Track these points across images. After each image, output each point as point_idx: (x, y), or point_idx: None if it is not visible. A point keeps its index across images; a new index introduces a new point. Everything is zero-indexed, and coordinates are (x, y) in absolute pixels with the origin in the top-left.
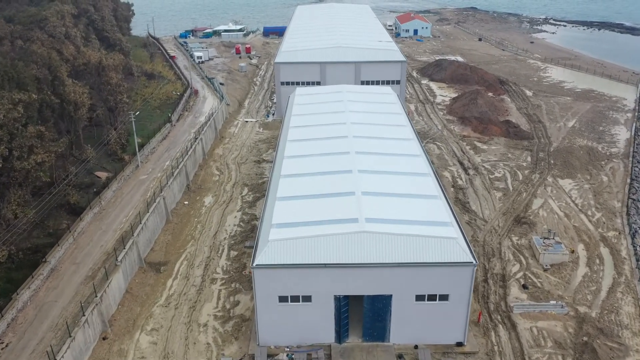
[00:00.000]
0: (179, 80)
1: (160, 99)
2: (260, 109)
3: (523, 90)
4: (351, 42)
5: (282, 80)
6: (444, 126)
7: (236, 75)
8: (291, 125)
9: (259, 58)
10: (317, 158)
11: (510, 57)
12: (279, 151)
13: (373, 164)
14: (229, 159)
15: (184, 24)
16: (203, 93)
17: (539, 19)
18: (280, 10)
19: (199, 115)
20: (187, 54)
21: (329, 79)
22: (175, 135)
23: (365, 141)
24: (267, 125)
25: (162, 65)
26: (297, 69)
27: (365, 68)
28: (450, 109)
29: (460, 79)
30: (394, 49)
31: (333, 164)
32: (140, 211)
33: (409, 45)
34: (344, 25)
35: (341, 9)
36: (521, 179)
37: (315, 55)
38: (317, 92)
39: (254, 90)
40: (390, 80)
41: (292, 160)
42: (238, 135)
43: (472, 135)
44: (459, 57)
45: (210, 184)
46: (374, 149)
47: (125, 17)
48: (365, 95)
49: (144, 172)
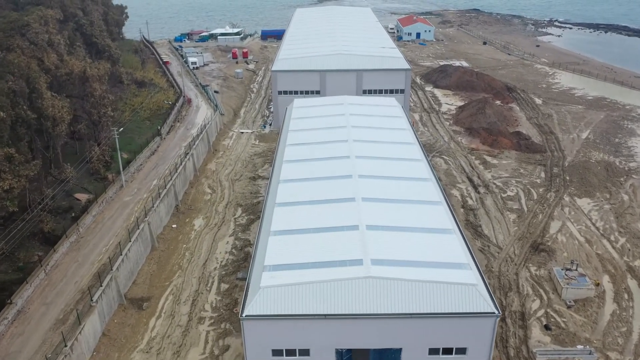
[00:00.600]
0: (171, 88)
1: (150, 109)
2: (257, 118)
3: (532, 98)
4: (352, 48)
5: (279, 89)
6: (450, 138)
7: (232, 82)
8: (288, 143)
9: (257, 63)
10: (316, 183)
11: (517, 62)
12: (274, 174)
13: (378, 190)
14: (222, 175)
15: (181, 26)
16: (196, 102)
17: (543, 21)
18: (279, 11)
19: (191, 127)
20: (181, 59)
21: (329, 88)
22: (164, 149)
23: (369, 162)
24: (264, 137)
25: (155, 71)
26: (295, 78)
27: (368, 76)
28: (456, 118)
29: (466, 86)
30: (397, 56)
31: (334, 189)
32: (122, 240)
33: (412, 49)
34: (345, 30)
35: (341, 12)
36: (536, 198)
37: (315, 62)
38: (317, 104)
39: (251, 98)
40: (394, 90)
41: (288, 185)
42: (233, 148)
43: (481, 149)
44: (464, 61)
45: (202, 204)
46: (379, 172)
47: (117, 22)
48: (368, 108)
49: (128, 193)
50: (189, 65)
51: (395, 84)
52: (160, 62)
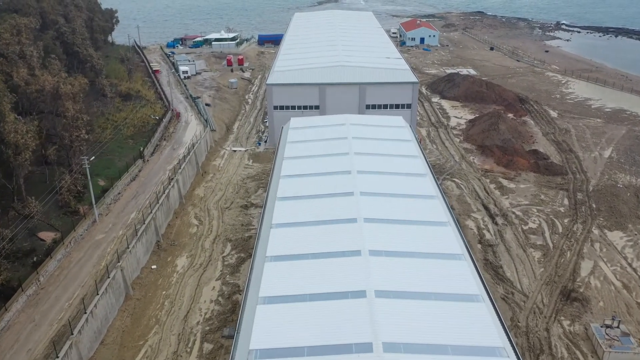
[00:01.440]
0: (160, 100)
1: (134, 125)
2: (251, 134)
3: (546, 110)
4: (354, 59)
5: (275, 104)
6: (461, 157)
7: (225, 93)
8: (283, 174)
9: (253, 71)
10: (315, 228)
11: (527, 70)
12: (266, 216)
13: (387, 238)
14: (210, 203)
15: (175, 30)
16: (186, 116)
17: (550, 24)
18: (277, 14)
19: (179, 147)
20: (172, 68)
21: (329, 102)
22: (147, 174)
23: (377, 201)
24: (258, 157)
25: (143, 81)
26: (292, 92)
27: (371, 90)
28: (467, 134)
29: (476, 97)
30: (403, 68)
31: (335, 237)
32: (88, 291)
33: (416, 55)
34: (346, 37)
35: (342, 17)
36: (561, 231)
37: (314, 75)
38: (315, 124)
39: (245, 110)
40: (400, 104)
41: (281, 231)
42: (224, 170)
43: (495, 170)
44: (471, 69)
45: (186, 239)
46: (388, 213)
47: (103, 28)
48: (373, 130)
49: (102, 229)
50: (180, 75)
51: (402, 98)
52: (149, 71)
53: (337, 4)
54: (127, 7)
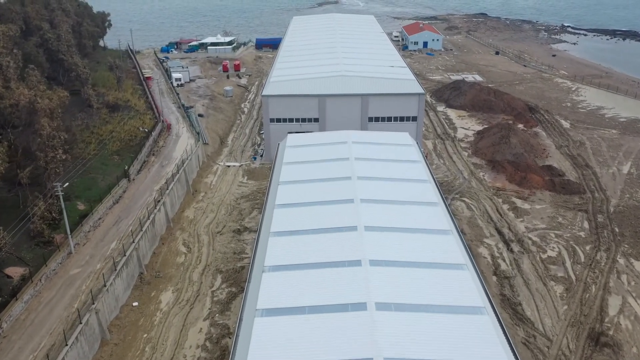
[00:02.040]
0: (150, 110)
1: (121, 139)
2: (247, 147)
3: (558, 120)
4: (356, 67)
5: (271, 117)
6: (471, 174)
7: (220, 102)
8: (278, 203)
9: (249, 77)
10: (313, 272)
11: (535, 75)
12: (258, 252)
13: (394, 284)
14: (201, 227)
15: (172, 33)
16: (177, 128)
17: (555, 26)
18: (277, 16)
19: (168, 163)
20: (165, 74)
21: (329, 115)
22: (132, 195)
23: (384, 237)
24: (253, 173)
25: (133, 90)
26: (289, 103)
27: (375, 102)
28: (475, 147)
29: (483, 106)
30: (409, 78)
31: (336, 278)
32: (57, 340)
33: (419, 60)
34: (347, 43)
35: (343, 21)
36: (583, 260)
37: (313, 86)
38: (314, 142)
39: (241, 120)
40: (405, 117)
41: (274, 275)
42: (216, 188)
43: (508, 188)
44: (477, 75)
45: (173, 269)
46: (396, 253)
47: (92, 33)
48: (377, 149)
49: (77, 262)
50: (172, 82)
51: (407, 110)
52: (141, 78)
53: (336, 5)
54: (124, 9)
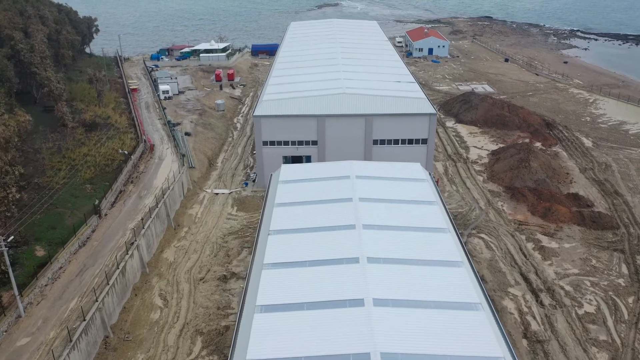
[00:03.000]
0: (132, 128)
1: (96, 165)
2: (238, 169)
3: (578, 137)
4: (358, 83)
5: (264, 140)
6: (487, 203)
7: (210, 117)
8: (267, 262)
9: (244, 87)
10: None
11: (548, 85)
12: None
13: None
14: (181, 271)
15: (166, 37)
16: (161, 150)
17: (564, 31)
18: (275, 19)
19: (147, 194)
20: (153, 85)
21: (329, 137)
22: (102, 236)
23: (396, 313)
24: (244, 203)
25: (115, 104)
26: (285, 125)
27: (380, 123)
28: (491, 171)
29: (497, 122)
30: (418, 96)
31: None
32: None
33: (424, 67)
34: (348, 54)
35: (343, 28)
36: (627, 317)
37: (311, 105)
38: (311, 177)
39: (233, 138)
40: (414, 139)
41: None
42: (202, 221)
43: (531, 222)
44: (486, 85)
45: (145, 330)
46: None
47: (72, 42)
48: (385, 185)
49: (28, 329)
50: (159, 95)
51: (416, 132)
52: (126, 90)
53: (336, 7)
54: (118, 12)
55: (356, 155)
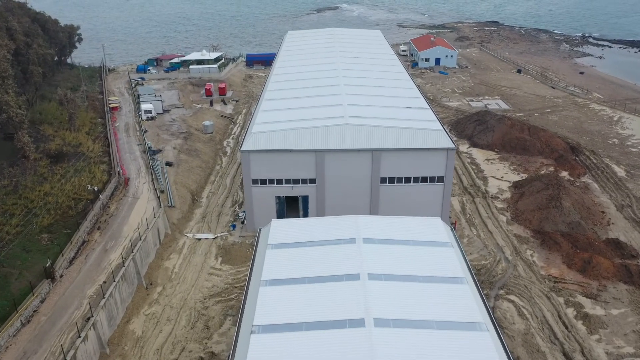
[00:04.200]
0: (107, 156)
1: (58, 206)
2: (225, 206)
3: (608, 165)
4: (364, 110)
5: (254, 178)
6: (514, 252)
7: (197, 141)
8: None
9: (236, 103)
10: None
11: (567, 101)
12: None
13: None
14: (149, 351)
15: (157, 45)
16: (137, 184)
17: (575, 37)
18: (273, 24)
19: (115, 245)
20: (136, 102)
21: (330, 174)
22: (53, 307)
23: None
24: (230, 253)
25: (91, 127)
26: (277, 161)
27: (389, 159)
28: (515, 210)
29: (516, 146)
30: (433, 126)
31: None
32: None
33: (431, 80)
34: (351, 71)
35: (344, 39)
36: None
37: (308, 138)
38: (307, 240)
39: (221, 165)
40: (429, 177)
41: None
42: (179, 278)
43: (568, 278)
44: (500, 100)
45: None
46: None
47: (44, 57)
48: (400, 251)
49: None
50: (141, 115)
51: (431, 169)
52: (105, 109)
53: (336, 11)
54: (110, 16)
55: (361, 195)
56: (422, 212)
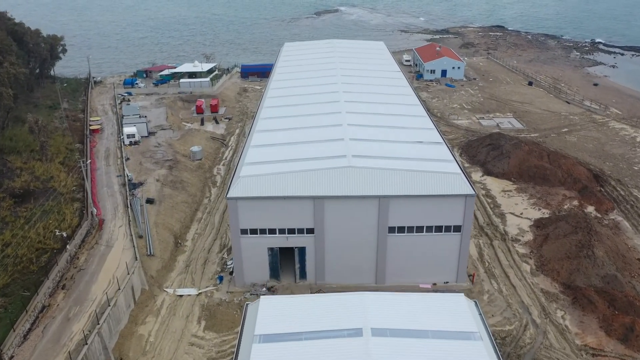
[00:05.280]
0: (81, 191)
1: (17, 261)
2: (213, 251)
3: (637, 196)
4: (369, 146)
5: (243, 227)
6: (542, 313)
7: (183, 170)
8: None
9: (229, 121)
10: None
11: (584, 118)
12: None
13: None
14: None
15: (148, 53)
16: (112, 227)
17: (585, 43)
18: (271, 29)
19: (80, 311)
20: (120, 121)
21: (330, 224)
22: None
23: None
24: (215, 316)
25: (66, 155)
26: (270, 208)
27: (398, 206)
28: (540, 256)
29: (535, 175)
30: (450, 169)
31: None
32: None
33: (437, 94)
34: (353, 94)
35: (345, 53)
36: None
37: (306, 182)
38: (303, 326)
39: (210, 198)
40: (444, 227)
41: None
42: (154, 350)
43: (607, 350)
44: (512, 117)
45: None
46: None
47: (15, 77)
48: (419, 350)
49: None
50: (124, 139)
51: (447, 217)
52: (85, 132)
53: (335, 14)
54: (103, 19)
55: (366, 246)
56: (436, 266)
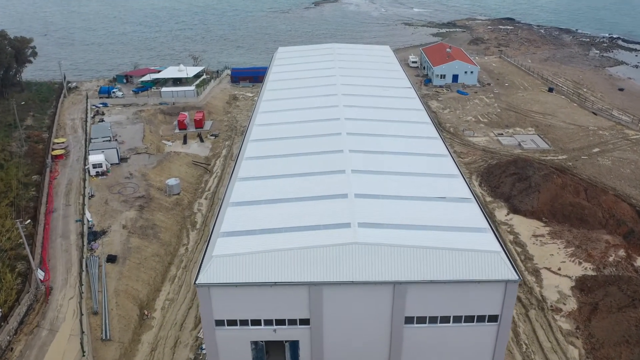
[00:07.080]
0: (31, 242)
1: None
2: (186, 326)
3: None
4: (380, 210)
5: (218, 318)
6: None
7: (157, 210)
8: None
9: (216, 138)
10: None
11: (615, 134)
12: None
13: None
14: None
15: (132, 52)
16: (60, 299)
17: (602, 38)
18: (267, 22)
19: None
20: (90, 142)
21: (329, 314)
22: None
23: None
24: None
25: (18, 192)
26: (253, 296)
27: (418, 293)
28: (589, 336)
29: (570, 215)
30: (486, 243)
31: None
32: None
33: (449, 103)
34: (357, 123)
35: (347, 61)
36: None
37: (299, 262)
38: None
39: (187, 247)
40: (476, 317)
41: None
42: None
43: None
44: (535, 134)
45: None
46: None
47: None
48: None
49: None
50: (89, 170)
51: (480, 307)
52: (46, 159)
53: (334, 4)
54: (90, 10)
55: (376, 340)
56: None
